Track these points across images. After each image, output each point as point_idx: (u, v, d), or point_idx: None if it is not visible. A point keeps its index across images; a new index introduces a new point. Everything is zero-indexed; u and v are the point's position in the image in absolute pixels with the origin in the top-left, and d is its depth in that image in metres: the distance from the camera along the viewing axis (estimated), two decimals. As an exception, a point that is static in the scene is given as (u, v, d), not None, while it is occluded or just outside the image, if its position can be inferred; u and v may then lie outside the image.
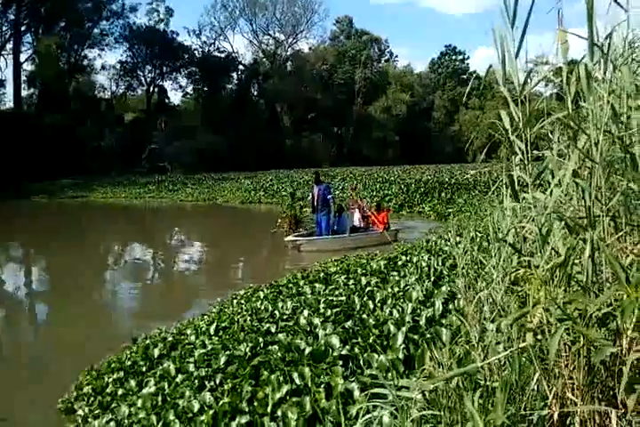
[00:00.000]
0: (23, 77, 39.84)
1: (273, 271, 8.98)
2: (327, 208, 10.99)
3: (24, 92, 40.58)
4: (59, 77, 37.80)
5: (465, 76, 60.75)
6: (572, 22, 2.07)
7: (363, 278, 5.31)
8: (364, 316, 3.89)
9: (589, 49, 1.91)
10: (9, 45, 40.53)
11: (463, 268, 3.04)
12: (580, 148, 1.86)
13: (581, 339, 1.72)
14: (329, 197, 11.03)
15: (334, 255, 8.32)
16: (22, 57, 40.18)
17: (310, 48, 55.18)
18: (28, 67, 40.39)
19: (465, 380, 2.06)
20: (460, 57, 63.16)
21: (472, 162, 47.98)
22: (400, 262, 6.11)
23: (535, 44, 2.03)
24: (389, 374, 2.83)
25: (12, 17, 39.87)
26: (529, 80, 2.04)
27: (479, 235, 5.68)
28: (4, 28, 40.14)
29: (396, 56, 63.36)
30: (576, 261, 1.93)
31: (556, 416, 1.73)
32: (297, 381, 3.00)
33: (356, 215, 11.74)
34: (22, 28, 40.57)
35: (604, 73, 2.02)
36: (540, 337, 1.86)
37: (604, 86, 1.95)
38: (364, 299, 4.41)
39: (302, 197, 12.92)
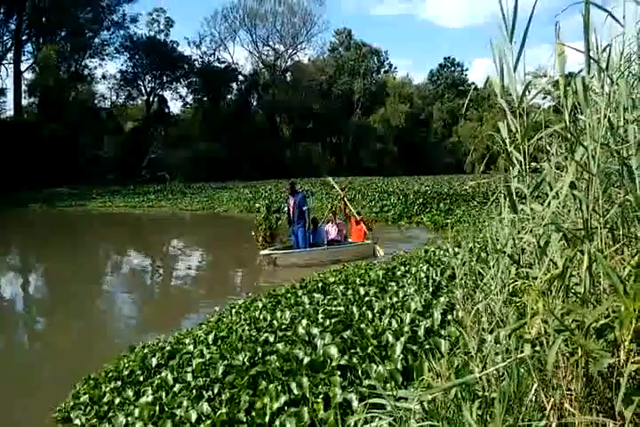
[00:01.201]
0: (24, 86, 40.03)
1: (242, 288, 8.71)
2: (303, 220, 10.40)
3: (24, 101, 40.75)
4: (59, 86, 37.96)
5: (463, 88, 61.20)
6: (569, 36, 2.10)
7: (361, 289, 5.30)
8: (363, 326, 3.89)
9: (586, 62, 1.94)
10: (10, 55, 40.83)
11: (462, 279, 3.06)
12: (577, 160, 1.88)
13: (579, 350, 1.73)
14: (304, 208, 10.41)
15: (312, 270, 7.93)
16: (23, 66, 40.48)
17: (310, 59, 55.70)
18: (28, 75, 40.69)
19: (463, 391, 2.06)
20: (459, 69, 63.74)
21: (470, 173, 48.16)
22: (399, 273, 6.11)
23: (532, 56, 2.07)
24: (388, 385, 2.83)
25: (12, 26, 40.24)
26: (527, 92, 2.07)
27: (477, 246, 5.71)
28: (5, 38, 40.49)
29: (395, 67, 63.78)
30: (574, 273, 1.95)
31: (554, 427, 1.73)
32: (295, 391, 3.00)
33: (334, 227, 11.15)
34: (23, 38, 40.89)
35: (602, 86, 2.05)
36: (537, 348, 1.87)
37: (601, 99, 1.99)
38: (363, 309, 4.41)
39: (278, 209, 12.02)
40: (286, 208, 10.83)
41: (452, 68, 63.63)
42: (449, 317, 3.80)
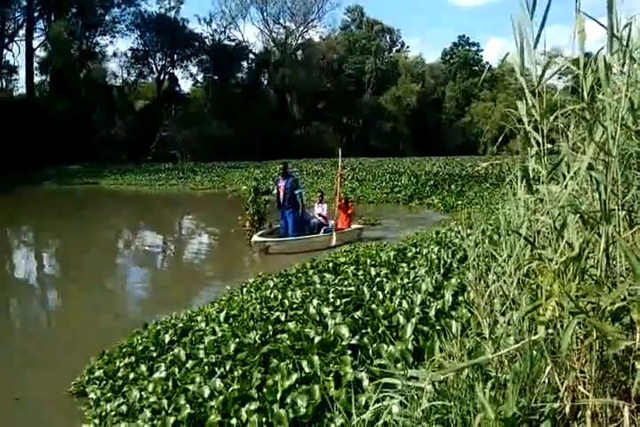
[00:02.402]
0: (35, 64, 40.01)
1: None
2: (294, 205, 9.82)
3: (36, 79, 40.82)
4: (70, 64, 37.88)
5: (477, 68, 60.09)
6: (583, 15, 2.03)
7: (372, 269, 5.31)
8: (374, 306, 3.90)
9: (609, 39, 1.87)
10: (21, 31, 40.65)
11: (474, 260, 3.04)
12: (596, 141, 1.84)
13: (594, 333, 1.72)
14: (296, 191, 9.83)
15: (302, 257, 7.60)
16: (34, 43, 40.36)
17: (321, 37, 54.84)
18: (40, 53, 40.57)
19: (475, 371, 2.07)
20: (474, 48, 62.43)
21: (483, 154, 47.64)
22: (410, 254, 6.10)
23: (547, 35, 2.00)
24: (398, 365, 2.85)
25: (24, 3, 39.94)
26: (546, 71, 2.02)
27: (490, 228, 5.67)
28: (17, 15, 40.29)
29: (408, 46, 62.63)
30: (590, 255, 1.92)
31: (567, 409, 1.74)
32: (306, 369, 3.03)
33: (323, 207, 10.81)
34: (35, 15, 40.61)
35: (623, 65, 1.99)
36: (551, 331, 1.86)
37: (621, 79, 1.93)
38: (374, 289, 4.41)
39: (267, 191, 10.96)
40: (275, 190, 10.27)
41: (467, 48, 62.33)
42: (460, 298, 3.80)
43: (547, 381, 1.85)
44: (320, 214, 10.69)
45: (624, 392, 1.68)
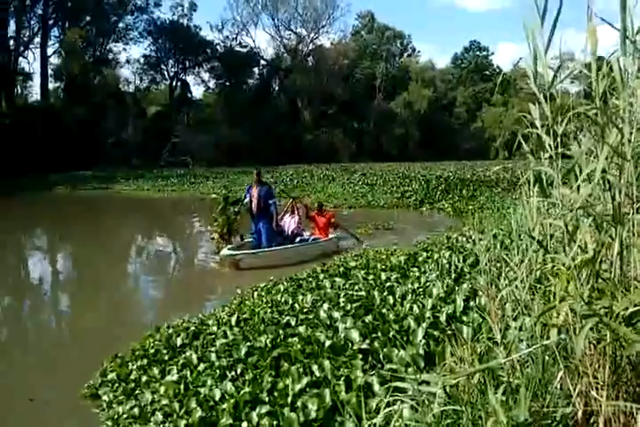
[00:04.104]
0: (50, 71, 40.62)
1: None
2: (268, 215, 9.09)
3: (50, 85, 41.40)
4: (84, 71, 38.37)
5: (488, 73, 59.88)
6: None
7: (382, 274, 5.30)
8: (384, 311, 3.90)
9: (622, 42, 1.87)
10: (36, 39, 41.29)
11: (486, 264, 3.03)
12: (610, 144, 1.83)
13: (608, 337, 1.71)
14: (270, 201, 9.08)
15: (277, 272, 7.02)
16: (49, 51, 40.98)
17: (332, 43, 54.96)
18: (54, 60, 41.20)
19: (487, 376, 2.05)
20: (485, 53, 62.24)
21: (494, 159, 47.38)
22: (420, 258, 6.08)
23: (561, 39, 2.00)
24: (409, 369, 2.84)
25: (39, 11, 40.61)
26: (558, 75, 2.02)
27: (501, 232, 5.64)
28: (33, 22, 40.93)
29: (419, 51, 62.59)
30: (603, 259, 1.91)
31: (580, 414, 1.72)
32: (317, 373, 3.03)
33: (294, 218, 9.93)
34: (49, 23, 41.25)
35: (638, 68, 1.98)
36: (564, 335, 1.85)
37: (635, 82, 1.92)
38: (384, 294, 4.40)
39: (237, 200, 9.71)
40: (247, 199, 9.29)
41: (477, 53, 62.17)
42: (471, 303, 3.78)
43: (559, 386, 1.83)
44: (294, 224, 9.86)
45: (638, 397, 1.66)
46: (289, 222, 9.86)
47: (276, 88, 52.53)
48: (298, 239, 9.60)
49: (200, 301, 7.09)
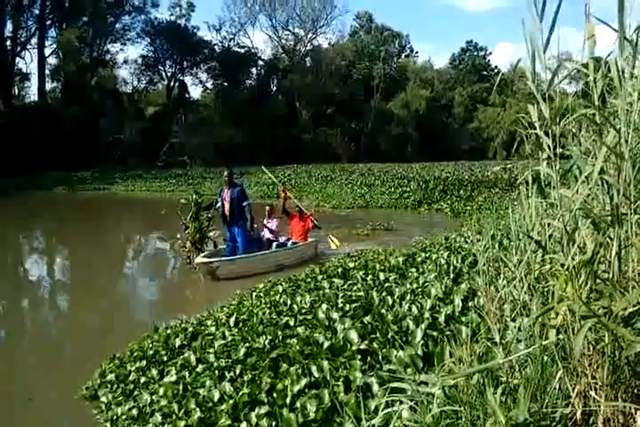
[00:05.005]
0: (47, 71, 40.50)
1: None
2: (243, 219, 8.49)
3: (48, 86, 41.30)
4: (81, 71, 38.32)
5: (486, 73, 59.97)
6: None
7: (381, 274, 5.30)
8: (383, 311, 3.89)
9: (620, 43, 1.88)
10: (34, 40, 41.21)
11: (484, 265, 3.03)
12: (608, 144, 1.84)
13: (606, 337, 1.71)
14: (244, 204, 8.48)
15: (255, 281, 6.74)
16: (46, 51, 40.86)
17: (330, 43, 54.98)
18: (52, 61, 41.12)
19: (486, 376, 2.06)
20: (482, 53, 62.31)
21: (492, 159, 47.43)
22: (419, 259, 6.08)
23: (558, 37, 2.00)
24: (408, 370, 2.84)
25: (36, 12, 40.56)
26: (557, 76, 2.02)
27: (499, 233, 5.65)
28: (30, 23, 40.85)
29: (417, 52, 62.58)
30: (602, 259, 1.91)
31: (578, 415, 1.73)
32: (315, 374, 3.03)
33: (271, 223, 9.50)
34: (47, 23, 41.19)
35: (633, 67, 1.99)
36: (562, 336, 1.85)
37: (632, 82, 1.93)
38: (383, 294, 4.40)
39: (210, 205, 9.04)
40: (219, 203, 8.73)
41: (475, 53, 62.24)
42: (470, 303, 3.78)
43: (558, 386, 1.84)
44: (270, 229, 9.45)
45: (636, 398, 1.67)
46: (268, 225, 9.47)
47: (274, 88, 52.53)
48: (274, 245, 9.17)
49: (200, 300, 7.08)
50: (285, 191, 9.97)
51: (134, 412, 3.29)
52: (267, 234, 9.36)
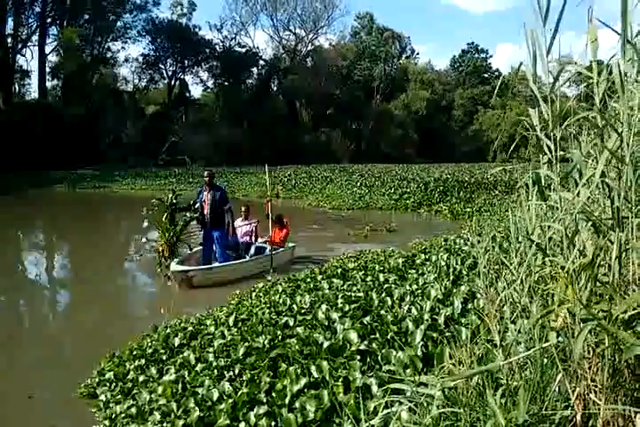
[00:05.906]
0: (48, 69, 40.47)
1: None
2: (223, 223, 8.06)
3: (48, 84, 41.28)
4: (82, 69, 38.28)
5: (486, 75, 60.01)
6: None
7: (381, 275, 5.30)
8: (383, 312, 3.89)
9: (622, 46, 1.88)
10: (34, 37, 41.18)
11: (484, 266, 3.04)
12: (609, 148, 1.84)
13: (606, 340, 1.72)
14: (225, 207, 8.06)
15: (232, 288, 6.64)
16: (47, 49, 40.84)
17: (330, 44, 55.03)
18: (52, 58, 41.09)
19: (486, 378, 2.06)
20: (483, 55, 62.32)
21: (492, 161, 47.48)
22: (418, 261, 6.08)
23: (559, 42, 2.01)
24: (407, 371, 2.84)
25: (37, 9, 40.53)
26: (559, 78, 2.03)
27: (500, 235, 5.65)
28: (30, 21, 40.84)
29: (417, 53, 62.60)
30: (602, 262, 1.92)
31: (578, 417, 1.73)
32: (315, 374, 3.03)
33: (248, 226, 9.16)
34: (48, 21, 41.16)
35: (637, 72, 1.99)
36: (562, 338, 1.85)
37: (635, 86, 1.93)
38: (382, 295, 4.40)
39: (187, 207, 8.39)
40: (198, 205, 8.23)
41: (476, 54, 62.25)
42: (470, 305, 3.78)
43: (557, 389, 1.84)
44: (246, 232, 9.13)
45: (636, 401, 1.67)
46: (242, 230, 9.09)
47: (275, 88, 52.54)
48: (253, 248, 8.81)
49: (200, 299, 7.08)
50: (269, 202, 9.16)
51: (133, 410, 3.29)
52: (244, 237, 9.02)
